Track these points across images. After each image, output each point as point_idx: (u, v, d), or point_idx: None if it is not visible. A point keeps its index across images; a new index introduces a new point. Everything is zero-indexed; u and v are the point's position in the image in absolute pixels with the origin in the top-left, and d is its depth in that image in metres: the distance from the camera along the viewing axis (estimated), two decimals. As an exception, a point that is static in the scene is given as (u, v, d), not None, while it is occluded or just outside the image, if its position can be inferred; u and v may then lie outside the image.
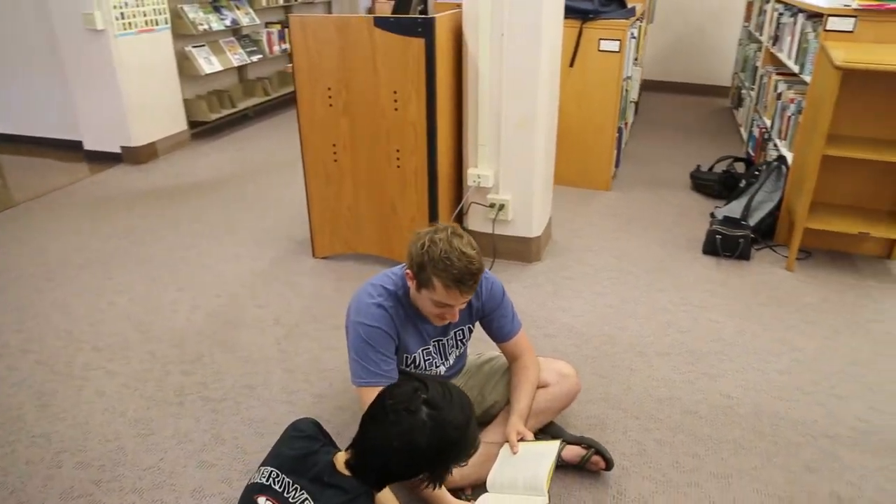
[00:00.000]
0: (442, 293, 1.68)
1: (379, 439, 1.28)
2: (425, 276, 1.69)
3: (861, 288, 3.24)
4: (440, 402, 1.30)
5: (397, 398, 1.30)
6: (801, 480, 2.05)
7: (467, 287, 1.68)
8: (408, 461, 1.28)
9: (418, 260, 1.69)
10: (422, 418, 1.28)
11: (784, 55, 4.13)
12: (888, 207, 3.41)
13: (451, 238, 1.68)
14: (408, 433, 1.26)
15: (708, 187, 4.37)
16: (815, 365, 2.62)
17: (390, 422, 1.28)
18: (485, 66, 2.94)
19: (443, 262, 1.64)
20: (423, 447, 1.27)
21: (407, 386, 1.34)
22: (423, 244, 1.68)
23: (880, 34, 3.08)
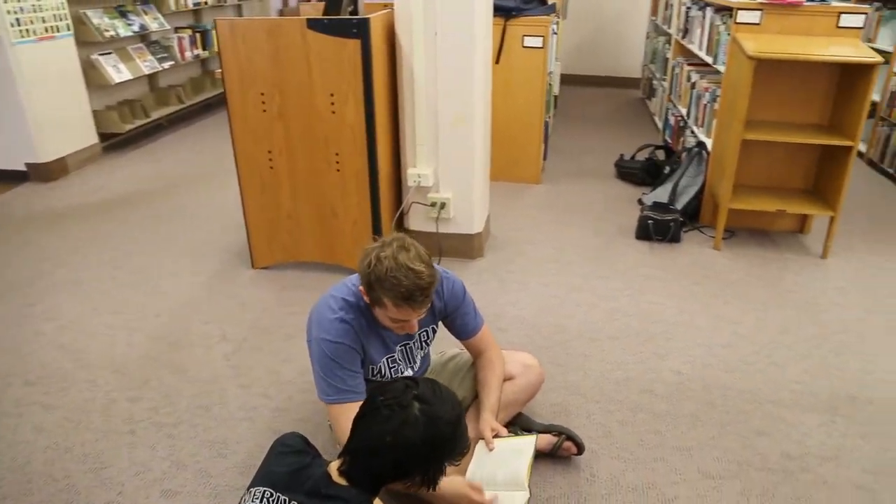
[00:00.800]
0: (393, 311, 1.65)
1: (372, 437, 1.26)
2: (375, 295, 1.65)
3: (781, 261, 3.47)
4: (431, 398, 1.30)
5: (388, 395, 1.29)
6: (754, 445, 2.17)
7: (418, 303, 1.64)
8: (401, 458, 1.27)
9: (366, 279, 1.65)
10: (414, 413, 1.27)
11: (695, 47, 4.35)
12: (800, 185, 3.66)
13: (398, 253, 1.62)
14: (400, 428, 1.25)
15: (632, 175, 4.54)
16: (751, 336, 2.78)
17: (382, 418, 1.26)
18: (419, 65, 2.94)
19: (389, 281, 1.60)
20: (417, 443, 1.26)
21: (398, 384, 1.32)
22: (369, 263, 1.63)
23: (784, 26, 3.30)
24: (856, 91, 3.18)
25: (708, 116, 3.93)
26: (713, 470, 2.06)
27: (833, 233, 3.45)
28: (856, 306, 3.04)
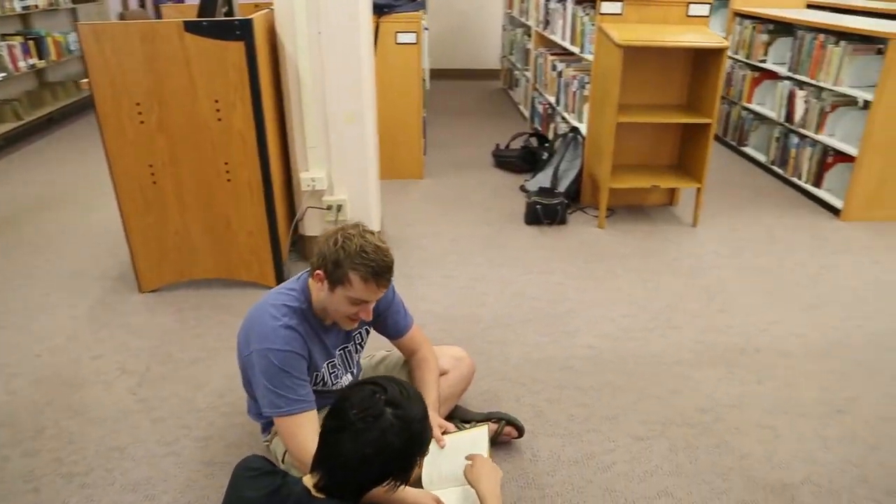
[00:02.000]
0: (360, 288, 1.64)
1: (351, 452, 1.22)
2: (341, 273, 1.63)
3: (659, 233, 3.75)
4: (401, 400, 1.28)
5: (359, 406, 1.25)
6: (671, 404, 2.34)
7: (385, 280, 1.67)
8: (382, 466, 1.24)
9: (333, 257, 1.63)
10: (389, 419, 1.24)
11: (558, 38, 4.57)
12: (667, 162, 3.97)
13: (364, 233, 1.67)
14: (380, 438, 1.22)
15: (510, 164, 4.70)
16: (647, 305, 2.99)
17: (358, 431, 1.22)
18: (305, 65, 2.85)
19: (360, 256, 1.62)
20: (397, 448, 1.24)
21: (363, 391, 1.28)
22: (335, 241, 1.64)
23: (642, 16, 3.56)
24: (709, 73, 3.51)
25: (578, 103, 4.15)
26: (641, 432, 2.20)
27: (701, 202, 3.78)
28: (729, 267, 3.36)
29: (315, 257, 1.69)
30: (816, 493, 1.96)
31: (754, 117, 4.98)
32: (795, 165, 4.41)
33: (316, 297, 1.74)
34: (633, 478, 2.00)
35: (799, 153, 4.35)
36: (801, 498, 1.94)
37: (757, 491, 1.97)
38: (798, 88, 4.30)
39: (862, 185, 3.85)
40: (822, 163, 4.16)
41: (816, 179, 4.22)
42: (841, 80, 3.94)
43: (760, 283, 3.21)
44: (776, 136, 4.61)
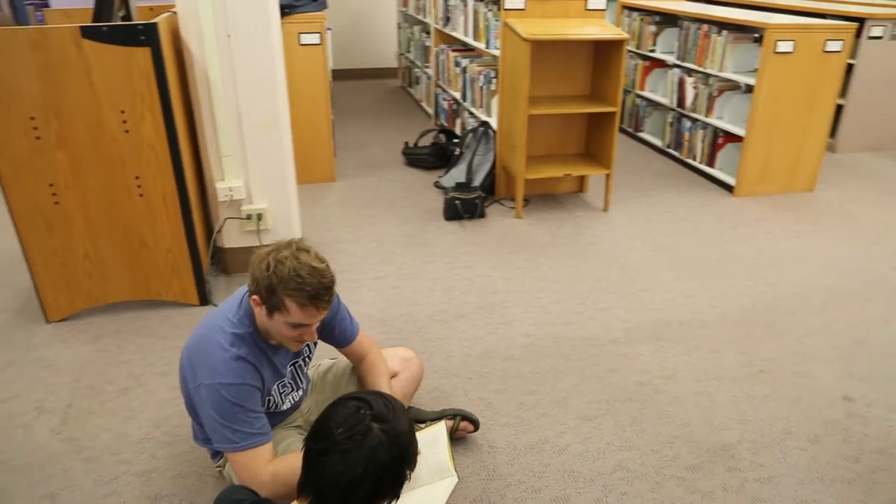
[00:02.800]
0: (297, 314, 1.56)
1: (340, 472, 1.18)
2: (276, 300, 1.55)
3: (574, 219, 3.89)
4: (387, 414, 1.26)
5: (346, 424, 1.21)
6: (611, 382, 2.44)
7: (323, 303, 1.59)
8: (374, 483, 1.21)
9: (266, 283, 1.54)
10: (377, 436, 1.22)
11: (460, 34, 4.62)
12: (576, 151, 4.12)
13: (298, 254, 1.57)
14: (369, 456, 1.19)
15: (422, 161, 4.71)
16: (573, 290, 3.10)
17: (347, 450, 1.19)
18: (215, 71, 2.72)
19: (293, 281, 1.53)
20: (387, 464, 1.21)
21: (347, 408, 1.25)
22: (268, 265, 1.54)
23: (545, 10, 3.66)
24: (609, 64, 3.67)
25: (486, 97, 4.21)
26: (588, 412, 2.28)
27: (611, 188, 3.96)
28: (642, 247, 3.54)
29: (250, 282, 1.60)
30: (753, 449, 2.11)
31: (648, 104, 5.27)
32: (690, 148, 4.70)
33: (259, 319, 1.66)
34: (588, 457, 2.07)
35: (692, 136, 4.65)
36: (741, 455, 2.09)
37: (702, 454, 2.09)
38: (687, 75, 4.58)
39: (750, 163, 4.16)
40: (713, 144, 4.46)
41: (710, 160, 4.53)
42: (725, 66, 4.24)
43: (672, 260, 3.40)
44: (670, 121, 4.89)
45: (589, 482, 1.97)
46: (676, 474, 2.01)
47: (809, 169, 4.31)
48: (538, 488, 1.95)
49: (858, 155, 5.24)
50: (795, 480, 2.00)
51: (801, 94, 4.03)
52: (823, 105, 4.11)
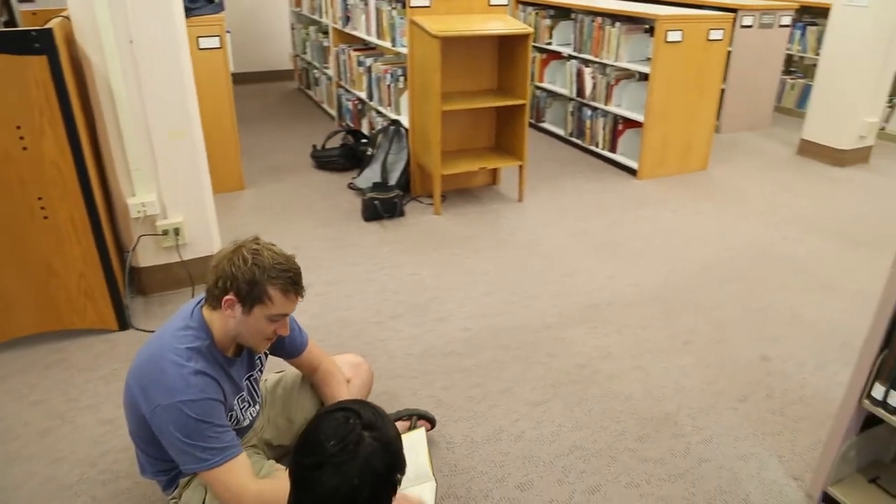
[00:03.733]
0: (280, 302, 1.56)
1: (336, 486, 1.15)
2: (259, 291, 1.53)
3: (492, 212, 3.97)
4: (376, 422, 1.24)
5: (337, 436, 1.18)
6: (553, 366, 2.52)
7: (301, 289, 1.62)
8: (371, 493, 1.19)
9: (248, 276, 1.52)
10: (370, 444, 1.20)
11: (362, 33, 4.57)
12: (487, 144, 4.20)
13: (268, 245, 1.59)
14: (365, 466, 1.17)
15: (332, 163, 4.63)
16: (502, 281, 3.16)
17: (341, 462, 1.16)
18: (118, 79, 2.55)
19: (275, 269, 1.54)
20: (382, 472, 1.20)
21: (334, 419, 1.22)
22: (242, 258, 1.53)
23: (450, 7, 3.70)
24: (516, 57, 3.76)
25: (394, 96, 4.20)
26: (536, 398, 2.34)
27: (524, 178, 4.06)
28: (559, 235, 3.66)
29: (218, 282, 1.55)
30: (691, 415, 2.25)
31: (548, 95, 5.44)
32: (592, 135, 4.91)
33: (222, 327, 1.60)
34: (544, 440, 2.13)
35: (593, 124, 4.85)
36: (682, 421, 2.22)
37: (647, 425, 2.20)
38: (584, 66, 4.78)
39: (650, 147, 4.41)
40: (614, 130, 4.68)
41: (612, 146, 4.75)
42: (621, 56, 4.46)
43: (589, 245, 3.54)
44: (571, 110, 5.08)
45: (549, 465, 2.03)
46: (627, 446, 2.11)
47: (702, 149, 4.62)
48: (501, 477, 1.98)
49: (739, 134, 5.67)
50: (733, 438, 2.15)
51: (691, 80, 4.31)
52: (710, 89, 4.42)
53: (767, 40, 5.34)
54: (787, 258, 3.43)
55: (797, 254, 3.48)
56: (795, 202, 4.20)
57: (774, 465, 2.04)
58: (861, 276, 3.26)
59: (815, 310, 2.94)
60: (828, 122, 4.82)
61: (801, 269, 3.31)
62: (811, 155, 5.00)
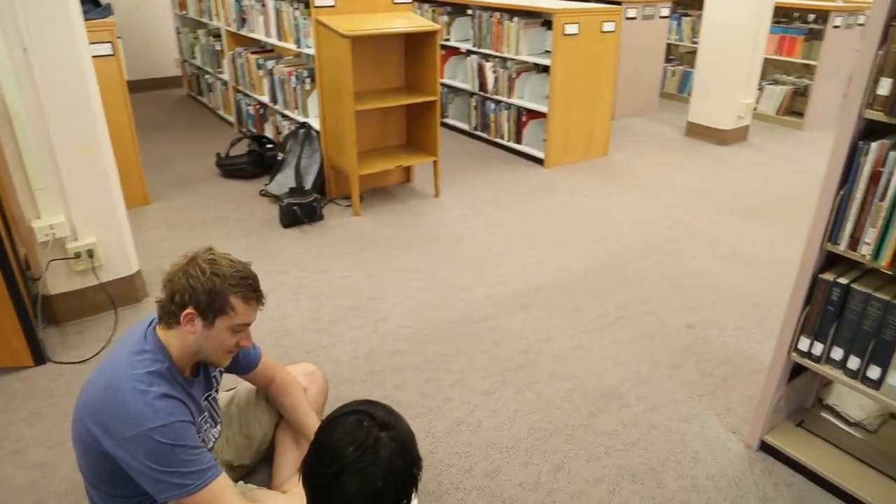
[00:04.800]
0: (243, 311, 1.53)
1: (360, 492, 1.13)
2: (220, 301, 1.49)
3: (411, 209, 3.98)
4: (389, 420, 1.23)
5: (355, 441, 1.15)
6: (499, 355, 2.58)
7: (262, 295, 1.59)
8: (395, 493, 1.18)
9: (208, 287, 1.47)
10: (389, 445, 1.18)
11: (260, 35, 4.44)
12: (398, 142, 4.20)
13: (222, 254, 1.55)
14: (387, 467, 1.16)
15: (240, 170, 4.47)
16: (434, 276, 3.19)
17: (363, 467, 1.14)
18: (13, 92, 2.34)
19: (235, 277, 1.50)
20: (403, 471, 1.19)
21: (348, 423, 1.19)
22: (200, 269, 1.48)
23: (354, 6, 3.66)
24: (424, 55, 3.79)
25: (301, 98, 4.11)
26: (487, 387, 2.39)
27: (439, 174, 4.11)
28: (481, 226, 3.74)
29: (174, 297, 1.48)
30: (633, 386, 2.39)
31: (449, 91, 5.51)
32: (497, 128, 5.03)
33: (181, 345, 1.53)
34: (503, 427, 2.19)
35: (497, 117, 4.98)
36: (626, 393, 2.35)
37: (597, 401, 2.31)
38: (485, 61, 4.88)
39: (555, 136, 4.58)
40: (518, 122, 4.83)
41: (517, 137, 4.89)
42: (520, 50, 4.59)
43: (510, 234, 3.65)
44: (474, 104, 5.18)
45: (511, 450, 2.09)
46: (581, 423, 2.20)
47: (602, 136, 4.86)
48: (468, 468, 2.02)
49: (630, 120, 6.00)
50: (674, 403, 2.30)
51: (588, 70, 4.51)
52: (606, 78, 4.65)
53: (650, 31, 5.69)
54: (692, 232, 3.68)
55: (701, 227, 3.75)
56: (690, 180, 4.51)
57: (714, 423, 2.21)
58: (758, 243, 3.56)
59: (725, 277, 3.19)
60: (709, 104, 5.21)
61: (707, 241, 3.57)
62: (697, 136, 5.38)
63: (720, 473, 2.00)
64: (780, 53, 5.82)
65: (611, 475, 1.98)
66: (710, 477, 1.98)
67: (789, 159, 5.04)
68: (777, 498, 1.91)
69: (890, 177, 1.57)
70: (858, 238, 1.67)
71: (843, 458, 1.98)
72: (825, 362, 1.84)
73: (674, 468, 2.02)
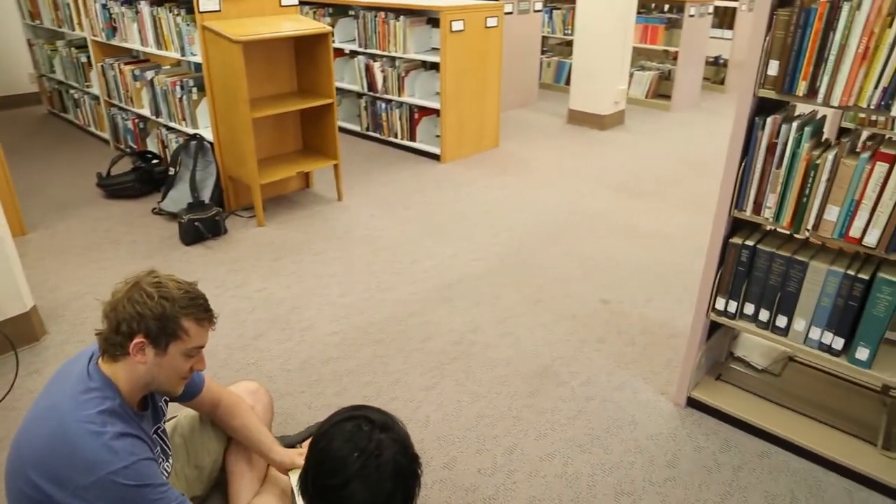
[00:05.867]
0: (196, 333, 1.46)
1: (373, 496, 1.14)
2: (172, 326, 1.41)
3: (316, 214, 3.92)
4: (387, 420, 1.24)
5: (358, 448, 1.15)
6: (432, 349, 2.62)
7: (213, 315, 1.53)
8: (404, 492, 1.19)
9: (157, 312, 1.39)
10: (391, 446, 1.20)
11: (135, 44, 4.17)
12: (295, 148, 4.12)
13: (167, 276, 1.48)
14: (395, 468, 1.17)
15: (126, 190, 4.20)
16: (352, 278, 3.17)
17: (369, 473, 1.14)
18: None
19: (185, 299, 1.44)
20: (408, 468, 1.21)
21: (346, 431, 1.18)
22: (148, 294, 1.40)
23: (240, 10, 3.54)
24: (316, 57, 3.74)
25: (189, 109, 3.93)
26: (427, 382, 2.43)
27: (340, 177, 4.07)
28: (391, 225, 3.76)
29: (120, 327, 1.39)
30: (565, 363, 2.51)
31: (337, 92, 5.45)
32: (389, 127, 5.05)
33: (130, 377, 1.44)
34: (450, 418, 2.23)
35: (389, 116, 4.99)
36: (559, 371, 2.47)
37: (533, 381, 2.41)
38: (372, 61, 4.88)
39: (449, 132, 4.67)
40: (411, 120, 4.87)
41: (411, 135, 4.93)
42: (408, 48, 4.63)
43: (421, 230, 3.69)
44: (364, 105, 5.17)
45: (463, 439, 2.13)
46: (524, 404, 2.29)
47: (492, 128, 5.01)
48: (425, 462, 2.04)
49: (514, 111, 6.22)
50: (605, 374, 2.45)
51: (476, 65, 4.64)
52: (493, 72, 4.80)
53: (526, 25, 5.91)
54: (590, 214, 3.90)
55: (597, 209, 3.98)
56: (579, 164, 4.76)
57: (643, 388, 2.37)
58: (650, 218, 3.83)
59: (627, 253, 3.41)
60: (588, 92, 5.52)
61: (604, 221, 3.79)
62: (579, 122, 5.68)
63: (657, 432, 2.16)
64: (645, 42, 6.26)
65: (561, 449, 2.09)
66: (650, 437, 2.14)
67: (663, 139, 5.44)
68: (708, 446, 2.10)
69: (784, 147, 1.77)
70: (761, 203, 1.86)
71: (757, 402, 2.20)
72: (739, 318, 2.03)
73: (616, 434, 2.15)
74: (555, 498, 1.90)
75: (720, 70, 7.10)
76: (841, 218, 1.74)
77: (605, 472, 2.00)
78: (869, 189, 1.67)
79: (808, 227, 1.79)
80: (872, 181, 1.66)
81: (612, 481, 1.97)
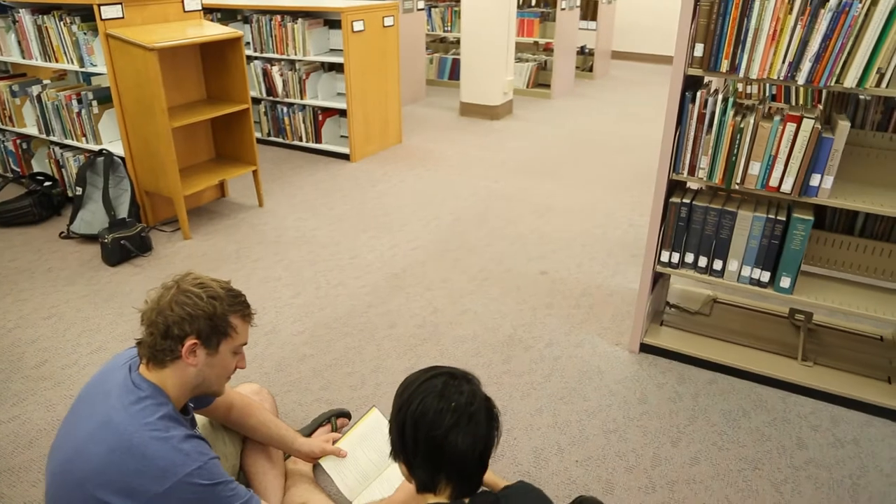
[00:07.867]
0: (243, 330, 1.54)
1: (475, 440, 1.25)
2: (223, 325, 1.47)
3: (241, 223, 3.89)
4: (467, 374, 1.35)
5: (451, 398, 1.25)
6: (400, 335, 2.75)
7: (253, 312, 1.61)
8: (496, 433, 1.32)
9: (208, 311, 1.44)
10: (479, 392, 1.32)
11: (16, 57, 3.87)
12: (208, 157, 4.04)
13: (203, 276, 1.53)
14: (486, 412, 1.29)
15: (23, 216, 3.89)
16: (300, 279, 3.22)
17: (469, 418, 1.25)
18: None
19: (230, 297, 1.51)
20: (495, 412, 1.33)
21: (434, 386, 1.28)
22: (198, 296, 1.44)
23: (144, 17, 3.42)
24: (227, 63, 3.70)
25: (90, 123, 3.73)
26: (405, 365, 2.56)
27: (260, 182, 4.04)
28: (323, 225, 3.81)
29: (169, 331, 1.43)
30: (526, 330, 2.75)
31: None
32: (293, 131, 5.04)
33: (180, 382, 1.47)
34: (438, 392, 2.39)
35: (292, 120, 4.99)
36: (523, 337, 2.70)
37: (503, 349, 2.62)
38: (270, 65, 4.85)
39: (356, 131, 4.76)
40: (315, 122, 4.90)
41: (316, 137, 4.96)
42: (308, 50, 4.66)
43: (352, 226, 3.78)
44: (263, 110, 5.11)
45: (457, 407, 2.30)
46: (501, 371, 2.50)
47: (395, 125, 5.16)
48: (428, 433, 2.19)
49: (407, 107, 6.39)
50: (562, 334, 2.71)
51: (377, 63, 4.76)
52: (392, 70, 4.95)
53: (411, 24, 6.10)
54: (505, 197, 4.17)
55: (510, 192, 4.26)
56: (482, 153, 5.03)
57: (599, 342, 2.66)
58: (559, 196, 4.18)
59: (549, 228, 3.71)
60: (478, 85, 5.81)
61: (520, 202, 4.08)
62: (472, 114, 5.96)
63: (623, 377, 2.44)
64: (522, 34, 6.67)
65: (546, 403, 2.31)
66: (617, 381, 2.42)
67: (552, 124, 5.86)
68: (667, 381, 2.41)
69: (712, 116, 2.09)
70: (695, 165, 2.18)
71: (697, 339, 2.55)
72: (682, 266, 2.36)
73: (589, 383, 2.41)
74: (553, 444, 2.13)
75: (587, 58, 7.70)
76: (762, 171, 2.09)
77: (589, 416, 2.25)
78: (782, 145, 2.03)
79: (738, 181, 2.13)
80: (785, 139, 2.02)
81: (597, 423, 2.22)
